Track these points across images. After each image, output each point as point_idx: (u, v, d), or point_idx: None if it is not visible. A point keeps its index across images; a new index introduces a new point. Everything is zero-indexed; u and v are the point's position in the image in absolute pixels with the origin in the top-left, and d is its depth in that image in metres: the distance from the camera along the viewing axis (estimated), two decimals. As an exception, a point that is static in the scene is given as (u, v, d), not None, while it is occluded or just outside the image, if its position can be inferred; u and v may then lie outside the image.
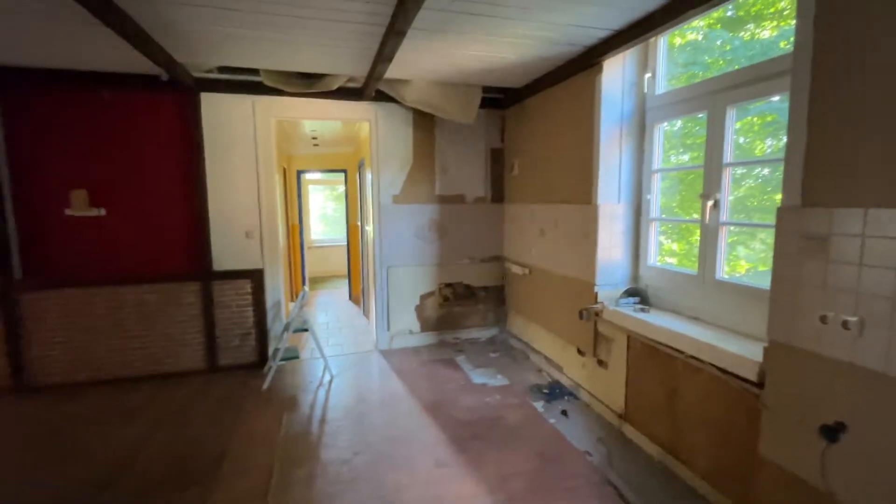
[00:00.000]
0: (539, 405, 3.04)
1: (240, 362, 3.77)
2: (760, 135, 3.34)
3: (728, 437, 2.02)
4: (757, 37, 3.34)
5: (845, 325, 1.51)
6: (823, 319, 1.57)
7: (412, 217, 4.12)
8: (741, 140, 3.46)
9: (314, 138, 5.24)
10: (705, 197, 2.36)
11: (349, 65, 3.14)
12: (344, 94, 3.74)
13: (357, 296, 6.24)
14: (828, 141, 1.57)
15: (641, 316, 2.53)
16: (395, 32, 2.36)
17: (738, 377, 1.93)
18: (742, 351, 1.92)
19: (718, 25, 3.39)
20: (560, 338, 3.40)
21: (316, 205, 9.58)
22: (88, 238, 3.39)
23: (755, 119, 3.40)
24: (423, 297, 4.25)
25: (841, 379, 1.54)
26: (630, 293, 2.80)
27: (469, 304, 4.39)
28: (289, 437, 2.70)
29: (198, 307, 3.63)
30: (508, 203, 4.26)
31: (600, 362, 2.93)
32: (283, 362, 3.66)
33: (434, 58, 2.99)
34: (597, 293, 2.90)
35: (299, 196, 6.42)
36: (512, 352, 4.09)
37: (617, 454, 2.46)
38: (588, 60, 2.83)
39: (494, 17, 2.34)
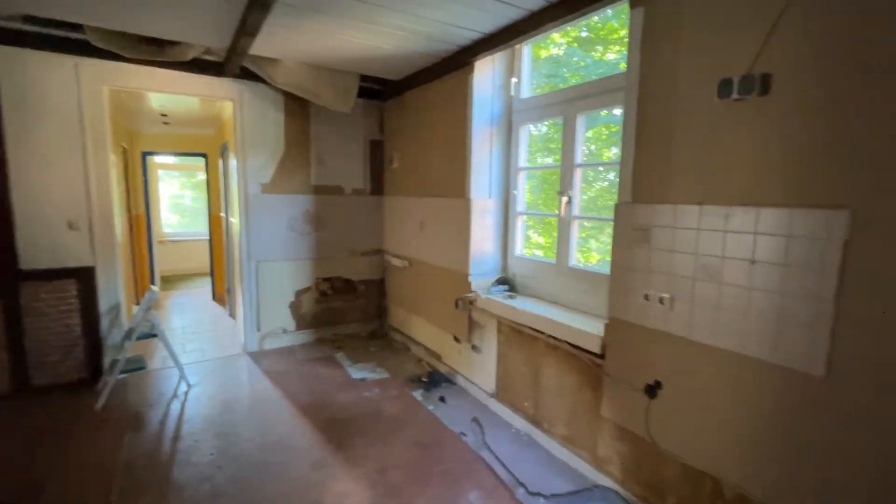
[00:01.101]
0: (418, 394, 3.10)
1: (63, 381, 3.10)
2: (607, 143, 3.86)
3: (579, 404, 2.31)
4: (605, 58, 3.85)
5: (661, 300, 1.83)
6: (646, 297, 1.89)
7: (285, 208, 3.85)
8: (592, 148, 3.96)
9: (163, 115, 4.54)
10: (561, 194, 2.64)
11: (206, 34, 2.79)
12: (202, 67, 3.31)
13: (222, 295, 5.62)
14: (650, 149, 1.88)
15: (509, 302, 2.74)
16: (259, 4, 2.16)
17: (586, 351, 2.21)
18: (589, 328, 2.21)
19: (575, 44, 3.84)
20: (438, 328, 3.51)
21: (169, 193, 8.37)
22: None
23: (603, 129, 3.93)
24: (299, 294, 4.01)
25: (658, 345, 1.86)
26: (500, 282, 3.01)
27: (348, 299, 4.28)
28: (132, 461, 2.31)
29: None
30: (388, 196, 4.25)
31: (474, 348, 3.11)
32: (124, 375, 3.12)
33: (307, 38, 2.81)
34: (471, 283, 3.06)
35: (146, 182, 5.52)
36: (393, 344, 4.10)
37: (489, 431, 2.64)
38: (462, 59, 2.95)
39: (368, 3, 2.28)
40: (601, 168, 3.69)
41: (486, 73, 2.94)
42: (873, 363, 1.29)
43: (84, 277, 3.10)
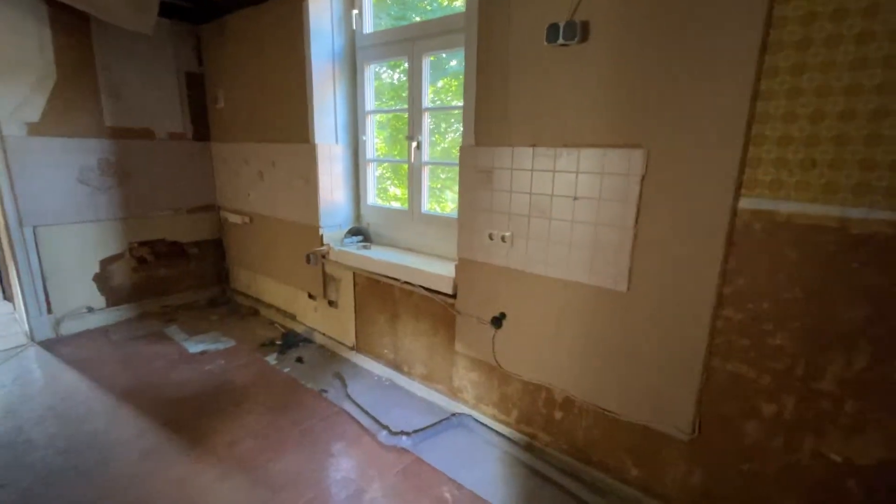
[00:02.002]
0: (272, 359, 2.89)
1: None
2: (457, 94, 3.87)
3: (435, 343, 2.41)
4: (452, 4, 3.79)
5: (503, 238, 1.96)
6: (490, 237, 2.00)
7: (70, 155, 3.01)
8: (444, 99, 3.94)
9: None
10: (410, 139, 2.59)
11: None
12: None
13: (-11, 274, 4.29)
14: (489, 93, 1.92)
15: (364, 252, 2.66)
16: None
17: (439, 293, 2.29)
18: (441, 271, 2.28)
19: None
20: (290, 286, 3.27)
21: None
22: None
23: (452, 80, 3.92)
24: (106, 263, 3.28)
25: (502, 280, 2.02)
26: (353, 232, 2.90)
27: (178, 265, 3.67)
28: None
29: None
30: (217, 142, 3.65)
31: (331, 303, 2.98)
32: None
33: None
34: (322, 236, 2.87)
35: None
36: (239, 310, 3.70)
37: (351, 383, 2.61)
38: (292, -19, 2.57)
39: None
40: (453, 119, 3.74)
41: (322, 2, 2.62)
42: (657, 279, 1.59)
43: None
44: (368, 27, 2.75)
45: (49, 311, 3.06)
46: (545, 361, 1.95)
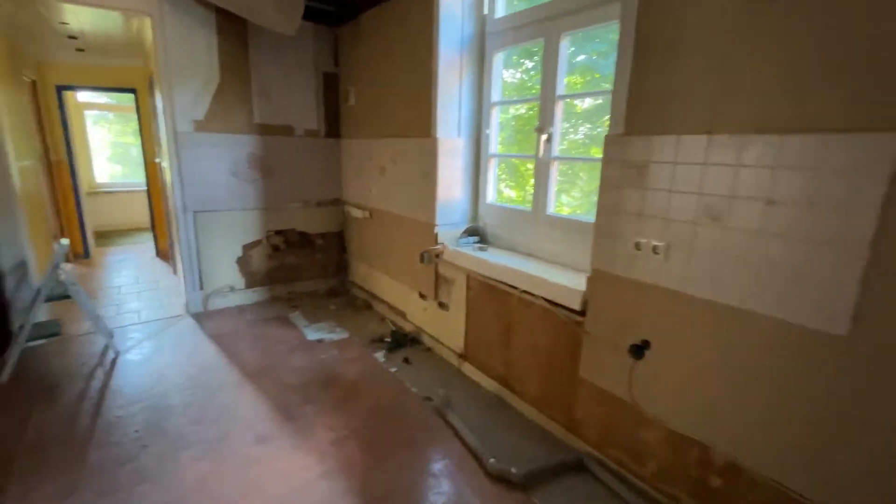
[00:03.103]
0: (380, 356, 2.85)
1: (-37, 349, 2.66)
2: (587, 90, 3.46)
3: (554, 364, 2.10)
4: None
5: (655, 249, 1.57)
6: (637, 246, 1.63)
7: (226, 150, 3.35)
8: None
9: (72, 38, 3.81)
10: (539, 131, 2.31)
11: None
12: (102, -32, 2.68)
13: (166, 251, 5.11)
14: (650, 70, 1.55)
15: (480, 255, 2.46)
16: None
17: (564, 307, 1.97)
18: (569, 283, 1.96)
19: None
20: (402, 283, 3.22)
21: (104, 138, 7.45)
22: None
23: (578, 78, 3.50)
24: (247, 248, 3.60)
25: (649, 301, 1.63)
26: (469, 232, 2.72)
27: (305, 254, 3.90)
28: (37, 441, 1.97)
29: None
30: (346, 138, 3.79)
31: (441, 305, 2.85)
32: (37, 342, 2.70)
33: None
34: (437, 234, 2.74)
35: (64, 122, 4.78)
36: (355, 302, 3.80)
37: (456, 394, 2.43)
38: (426, -32, 2.47)
39: None
40: (577, 118, 3.34)
41: (454, -15, 2.48)
42: (908, 319, 1.08)
43: (-25, 229, 2.59)
44: (500, 10, 2.54)
45: (201, 287, 3.45)
46: (702, 411, 1.52)
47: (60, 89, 4.74)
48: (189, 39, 3.06)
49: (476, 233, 2.73)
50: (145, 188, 5.20)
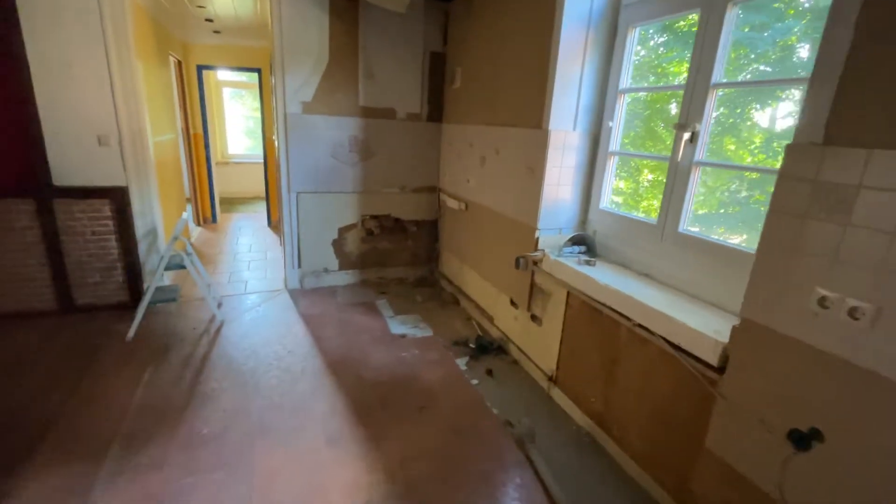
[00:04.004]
0: (462, 362, 2.66)
1: (105, 302, 3.05)
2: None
3: (670, 420, 1.71)
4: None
5: (853, 312, 1.11)
6: (823, 302, 1.17)
7: (329, 132, 3.35)
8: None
9: (209, 20, 4.10)
10: (681, 127, 1.85)
11: None
12: (229, -50, 2.73)
13: (276, 222, 5.47)
14: (881, 52, 1.06)
15: (585, 270, 2.10)
16: None
17: (692, 356, 1.56)
18: (702, 326, 1.54)
19: None
20: (493, 285, 2.97)
21: (240, 114, 8.21)
22: None
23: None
24: (343, 231, 3.63)
25: (829, 378, 1.18)
26: (575, 241, 2.35)
27: (397, 241, 3.84)
28: (146, 402, 2.14)
29: (36, 233, 2.79)
30: (447, 123, 3.58)
31: (534, 318, 2.55)
32: (156, 304, 2.98)
33: None
34: (537, 239, 2.43)
35: (202, 98, 5.27)
36: (442, 295, 3.66)
37: (541, 422, 2.15)
38: (555, -74, 2.09)
39: None
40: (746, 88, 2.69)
41: (588, -54, 2.07)
42: None
43: (117, 198, 2.90)
44: (644, -24, 2.07)
45: (299, 265, 3.57)
46: (904, 551, 1.06)
47: (200, 69, 5.22)
48: (303, 19, 3.05)
49: (583, 242, 2.36)
50: (262, 161, 5.59)
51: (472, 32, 3.06)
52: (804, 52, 1.68)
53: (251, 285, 3.67)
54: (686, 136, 1.82)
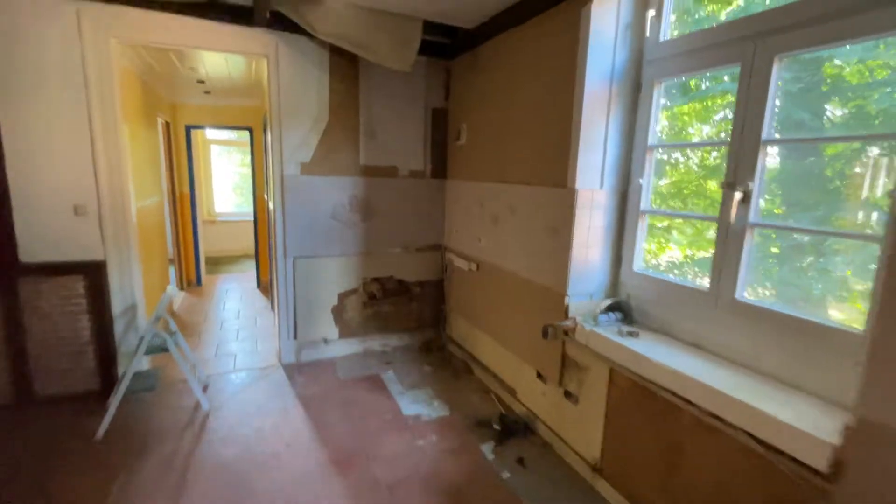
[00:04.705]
0: (487, 448, 2.33)
1: (72, 391, 2.66)
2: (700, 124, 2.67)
3: (762, 534, 1.42)
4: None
5: None
6: (984, 406, 0.94)
7: (328, 193, 3.16)
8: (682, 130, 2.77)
9: (200, 82, 3.99)
10: (730, 186, 1.69)
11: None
12: (227, 12, 2.63)
13: (267, 284, 5.16)
14: None
15: (630, 343, 1.86)
16: None
17: (790, 457, 1.30)
18: (796, 419, 1.29)
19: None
20: (514, 354, 2.70)
21: (228, 171, 8.05)
22: None
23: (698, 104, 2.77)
24: (343, 296, 3.35)
25: None
26: (612, 308, 2.13)
27: (401, 303, 3.57)
28: (114, 530, 1.75)
29: (-4, 316, 2.45)
30: (452, 179, 3.43)
31: (568, 394, 2.27)
32: (132, 394, 2.61)
33: (353, -41, 2.02)
34: (568, 305, 2.20)
35: (189, 158, 5.10)
36: (452, 362, 3.35)
37: (594, 530, 1.82)
38: (572, -15, 2.03)
39: None
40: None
41: (608, 5, 2.00)
42: None
43: (93, 273, 2.60)
44: (666, 32, 2.00)
45: (295, 336, 3.25)
46: None
47: (189, 129, 5.08)
48: (301, 79, 2.93)
49: (619, 308, 2.14)
50: (253, 219, 5.36)
51: (478, 88, 2.98)
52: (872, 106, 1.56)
53: (241, 360, 3.32)
54: (737, 196, 1.66)
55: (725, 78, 1.95)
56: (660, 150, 2.12)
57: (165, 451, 2.24)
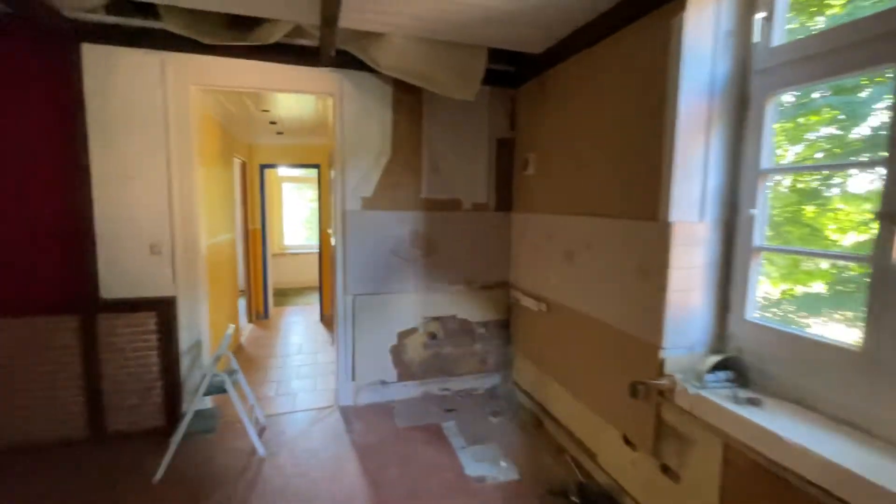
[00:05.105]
0: (566, 527, 1.98)
1: (141, 427, 2.68)
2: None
3: None
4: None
5: None
6: None
7: (389, 228, 3.06)
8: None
9: (273, 123, 4.17)
10: (888, 218, 1.31)
11: (287, 3, 2.08)
12: (294, 54, 2.68)
13: (330, 317, 5.17)
14: None
15: (754, 416, 1.48)
16: None
17: None
18: None
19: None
20: (594, 411, 2.34)
21: (298, 206, 8.44)
22: None
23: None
24: (402, 336, 3.18)
25: None
26: (721, 365, 1.75)
27: (464, 345, 3.33)
28: None
29: (76, 351, 2.54)
30: (518, 212, 3.21)
31: (666, 469, 1.88)
32: (191, 435, 2.57)
33: (417, -10, 1.94)
34: (662, 360, 1.85)
35: (262, 195, 5.34)
36: (519, 413, 3.02)
37: None
38: (659, -7, 1.80)
39: None
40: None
41: (704, 10, 1.73)
42: None
43: (164, 309, 2.65)
44: (779, 36, 1.68)
45: (353, 377, 3.11)
46: None
47: (263, 167, 5.35)
48: (365, 115, 2.91)
49: (731, 366, 1.75)
50: (317, 252, 5.46)
51: (547, 114, 2.77)
52: None
53: (300, 400, 3.23)
54: (904, 230, 1.28)
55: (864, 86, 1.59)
56: (775, 175, 1.76)
57: (218, 499, 2.13)
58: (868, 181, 1.57)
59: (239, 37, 2.41)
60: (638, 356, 1.96)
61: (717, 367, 1.75)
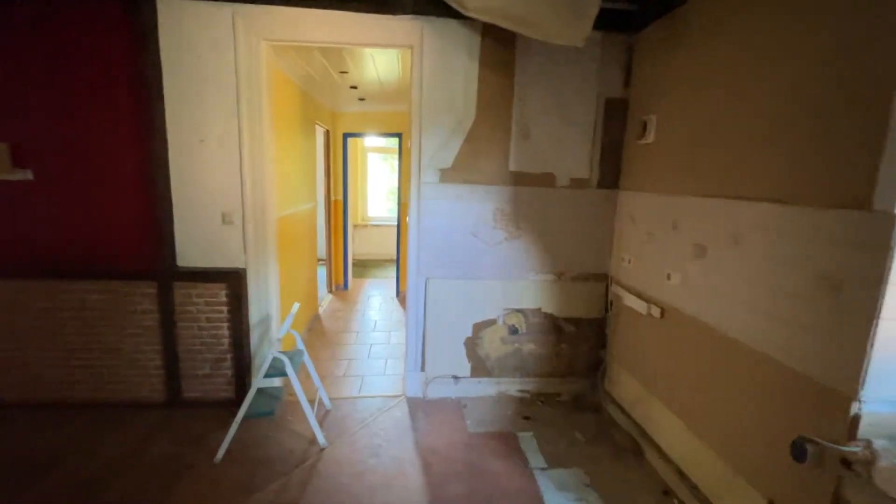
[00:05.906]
0: None
1: (212, 397, 2.67)
2: None
3: None
4: None
5: None
6: None
7: (470, 204, 2.66)
8: None
9: (353, 87, 3.93)
10: None
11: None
12: (370, 0, 2.33)
13: (404, 293, 4.99)
14: None
15: None
16: None
17: None
18: None
19: None
20: (719, 456, 1.79)
21: (385, 177, 8.36)
22: (11, 212, 2.42)
23: None
24: (478, 328, 2.82)
25: None
26: (970, 444, 1.12)
27: (548, 343, 2.88)
28: None
29: (155, 317, 2.56)
30: (629, 191, 2.62)
31: (844, 571, 1.30)
32: (253, 416, 2.47)
33: None
34: (857, 416, 1.25)
35: (345, 164, 5.23)
36: (613, 435, 2.53)
37: None
38: None
39: None
40: None
41: None
42: None
43: (235, 281, 2.55)
44: None
45: (423, 368, 2.83)
46: None
47: (346, 136, 5.21)
48: (447, 70, 2.49)
49: None
50: (396, 225, 5.27)
51: (679, 66, 2.12)
52: None
53: (367, 384, 3.05)
54: None
55: None
56: None
57: (272, 489, 1.99)
58: None
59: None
60: (809, 403, 1.38)
61: (958, 443, 1.12)
